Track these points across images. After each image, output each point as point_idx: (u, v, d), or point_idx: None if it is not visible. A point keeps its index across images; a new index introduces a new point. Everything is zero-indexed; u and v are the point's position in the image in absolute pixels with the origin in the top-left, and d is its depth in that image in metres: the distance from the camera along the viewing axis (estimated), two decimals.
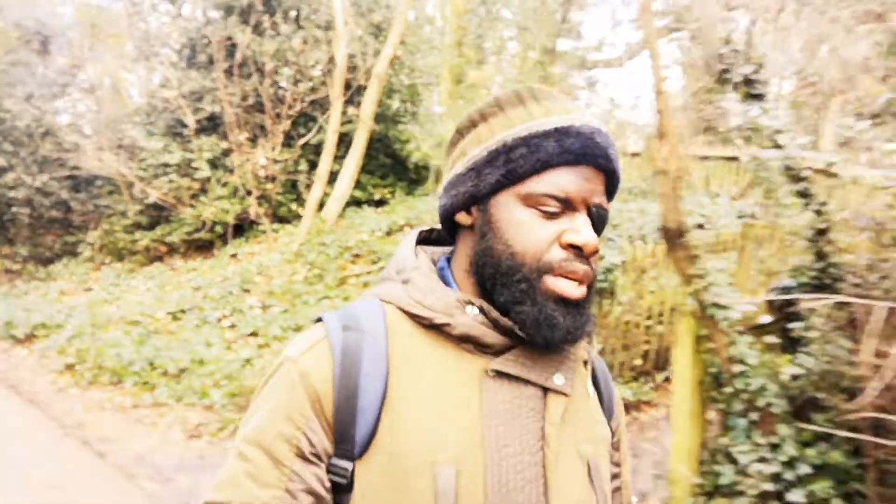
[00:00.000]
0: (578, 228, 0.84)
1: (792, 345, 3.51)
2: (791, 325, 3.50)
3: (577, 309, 0.85)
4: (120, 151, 11.99)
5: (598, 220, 0.88)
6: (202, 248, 12.13)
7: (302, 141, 11.99)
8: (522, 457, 0.83)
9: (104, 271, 12.29)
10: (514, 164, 0.85)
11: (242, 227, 12.09)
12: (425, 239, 1.03)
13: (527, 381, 0.86)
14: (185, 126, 11.80)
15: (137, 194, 11.90)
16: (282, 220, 12.15)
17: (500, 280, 0.85)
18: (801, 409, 3.28)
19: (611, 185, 0.91)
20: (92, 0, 14.70)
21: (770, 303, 3.68)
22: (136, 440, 5.24)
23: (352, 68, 11.58)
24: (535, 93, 0.91)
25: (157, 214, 12.31)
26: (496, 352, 0.87)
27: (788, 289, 3.58)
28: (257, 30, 11.88)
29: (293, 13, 12.14)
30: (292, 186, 12.32)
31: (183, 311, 9.40)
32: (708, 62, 3.79)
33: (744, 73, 3.62)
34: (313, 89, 11.77)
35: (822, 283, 3.45)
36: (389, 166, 12.94)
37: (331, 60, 11.54)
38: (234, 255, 11.48)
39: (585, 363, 1.00)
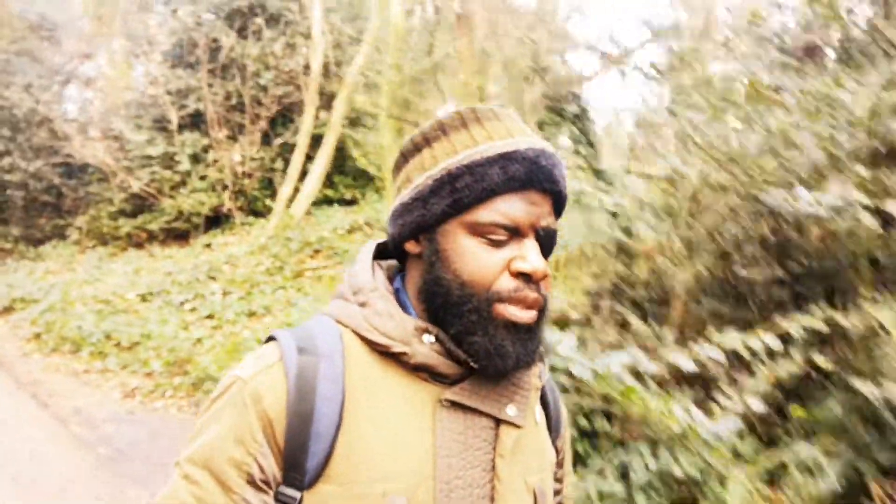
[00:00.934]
0: (526, 255, 0.85)
1: None
2: None
3: (528, 335, 0.86)
4: (108, 142, 12.98)
5: (547, 243, 0.89)
6: (179, 236, 13.06)
7: (279, 140, 12.93)
8: (472, 489, 0.84)
9: (88, 254, 13.24)
10: (459, 194, 0.84)
11: (219, 219, 13.01)
12: (381, 252, 1.01)
13: (480, 412, 0.87)
14: (169, 121, 12.76)
15: (122, 183, 12.86)
16: (257, 214, 13.06)
17: (451, 311, 0.85)
18: None
19: (557, 204, 0.92)
20: None
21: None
22: (79, 397, 6.13)
23: (326, 74, 12.48)
24: (479, 114, 0.90)
25: (141, 203, 13.25)
26: (451, 381, 0.88)
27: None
28: (242, 34, 12.82)
29: (277, 19, 13.06)
30: (269, 183, 13.24)
31: (151, 294, 10.31)
32: (546, 97, 4.64)
33: (573, 112, 4.47)
34: (290, 93, 12.70)
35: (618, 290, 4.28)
36: (361, 168, 13.83)
37: (308, 66, 12.45)
38: (207, 245, 12.39)
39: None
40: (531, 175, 0.85)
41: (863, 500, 2.14)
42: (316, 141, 12.52)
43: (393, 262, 1.00)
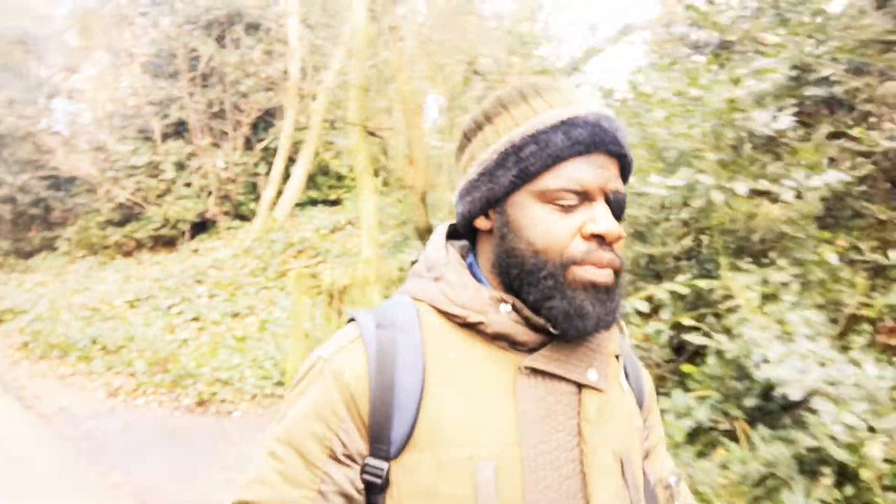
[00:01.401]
0: (598, 218, 0.85)
1: None
2: None
3: (607, 295, 0.86)
4: (94, 153, 13.27)
5: (617, 207, 0.89)
6: (167, 243, 13.34)
7: (261, 145, 13.22)
8: (559, 453, 0.85)
9: (78, 264, 13.53)
10: (525, 163, 0.86)
11: (206, 225, 13.29)
12: (452, 233, 1.02)
13: (561, 378, 0.87)
14: (153, 131, 13.05)
15: (108, 194, 13.15)
16: (243, 218, 13.35)
17: (527, 279, 0.86)
18: None
19: (624, 168, 0.92)
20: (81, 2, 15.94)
21: None
22: (64, 398, 6.41)
23: (304, 79, 12.76)
24: (537, 87, 0.91)
25: (129, 212, 13.53)
26: (529, 349, 0.88)
27: None
28: (221, 42, 13.11)
29: (255, 27, 13.35)
30: (253, 187, 13.52)
31: (139, 300, 10.60)
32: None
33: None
34: (270, 98, 12.98)
35: None
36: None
37: (287, 72, 12.73)
38: (195, 250, 12.67)
39: (617, 357, 1.00)
40: (595, 138, 0.86)
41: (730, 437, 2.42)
42: (298, 144, 12.81)
43: (464, 243, 1.00)
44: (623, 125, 0.91)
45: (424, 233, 4.35)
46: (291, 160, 12.73)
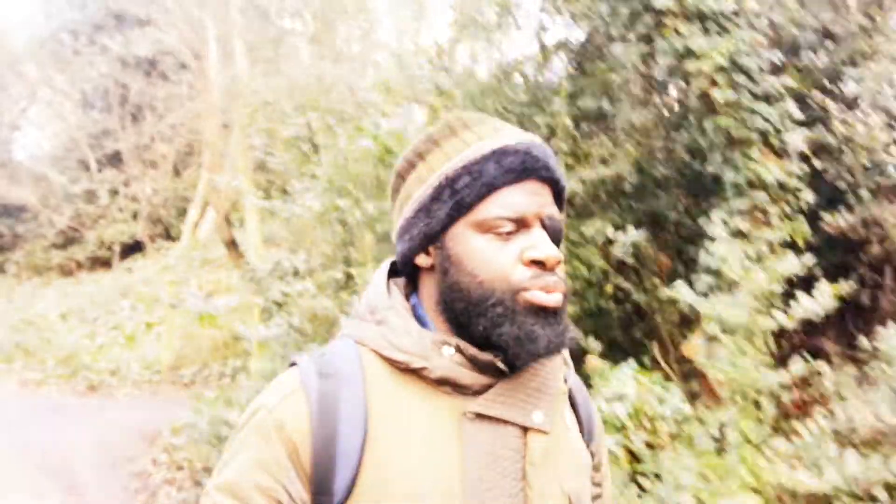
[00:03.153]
0: (537, 244, 0.87)
1: None
2: None
3: (555, 318, 0.88)
4: (36, 183, 14.98)
5: (553, 232, 0.91)
6: (104, 263, 15.06)
7: (188, 172, 14.97)
8: (504, 500, 0.86)
9: (25, 285, 15.24)
10: (460, 195, 0.88)
11: (139, 245, 15.01)
12: (392, 273, 1.01)
13: (506, 422, 0.88)
14: (89, 161, 14.79)
15: (50, 220, 14.87)
16: (173, 238, 15.08)
17: (475, 310, 0.87)
18: None
19: (558, 195, 0.95)
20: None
21: None
22: None
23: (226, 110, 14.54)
24: (466, 121, 0.95)
25: (69, 236, 15.24)
26: (474, 392, 0.89)
27: None
28: (150, 77, 14.87)
29: (182, 65, 15.13)
30: (183, 211, 15.26)
31: (70, 313, 12.30)
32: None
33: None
34: (195, 130, 14.74)
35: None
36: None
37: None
38: (128, 269, 14.39)
39: (569, 394, 1.02)
40: (526, 165, 0.88)
41: None
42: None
43: (404, 281, 1.00)
44: (551, 152, 0.94)
45: (230, 244, 6.06)
46: None
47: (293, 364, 0.93)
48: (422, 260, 0.93)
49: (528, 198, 0.88)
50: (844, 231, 3.57)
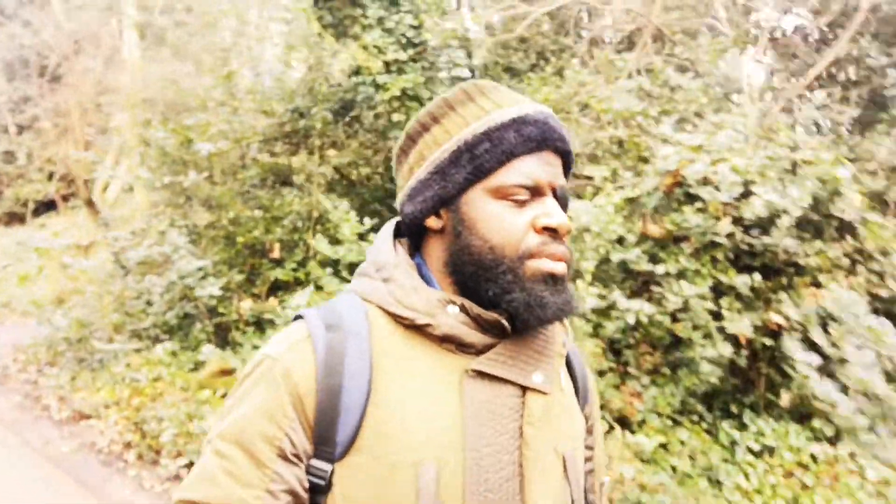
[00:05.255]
0: (550, 212, 0.92)
1: None
2: None
3: (562, 285, 0.92)
4: None
5: (563, 201, 0.96)
6: (20, 219, 16.77)
7: (104, 137, 16.66)
8: (501, 456, 0.90)
9: None
10: (479, 160, 0.91)
11: (54, 203, 16.72)
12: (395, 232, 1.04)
13: (506, 381, 0.92)
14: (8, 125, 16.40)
15: None
16: (88, 201, 16.81)
17: (485, 275, 0.91)
18: None
19: (566, 165, 0.99)
20: None
21: None
22: None
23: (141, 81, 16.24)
24: (482, 88, 0.97)
25: None
26: (477, 351, 0.93)
27: None
28: (69, 52, 16.47)
29: (100, 38, 16.73)
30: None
31: None
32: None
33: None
34: (113, 99, 16.42)
35: None
36: None
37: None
38: (42, 225, 16.14)
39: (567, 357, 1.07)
40: (544, 135, 0.93)
41: None
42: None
43: (407, 241, 1.04)
44: (563, 125, 0.98)
45: (88, 203, 7.94)
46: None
47: (298, 317, 0.97)
48: (432, 222, 0.97)
49: (543, 167, 0.93)
50: None
